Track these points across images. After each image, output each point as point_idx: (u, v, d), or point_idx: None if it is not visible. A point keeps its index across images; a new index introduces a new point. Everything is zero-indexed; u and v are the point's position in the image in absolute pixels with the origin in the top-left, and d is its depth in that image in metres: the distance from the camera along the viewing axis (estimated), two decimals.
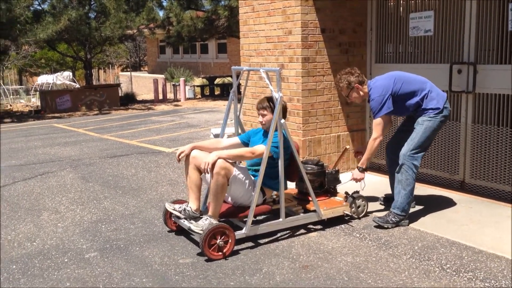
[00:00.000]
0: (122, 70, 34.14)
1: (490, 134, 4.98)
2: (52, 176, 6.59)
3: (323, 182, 4.55)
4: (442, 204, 4.89)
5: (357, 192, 4.57)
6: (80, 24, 16.14)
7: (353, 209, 4.50)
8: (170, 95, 19.84)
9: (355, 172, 4.48)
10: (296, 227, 4.31)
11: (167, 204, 4.14)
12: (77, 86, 21.03)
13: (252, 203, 3.94)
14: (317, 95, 5.79)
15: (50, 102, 15.79)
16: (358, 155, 4.80)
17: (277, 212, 4.22)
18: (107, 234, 4.37)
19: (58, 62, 29.83)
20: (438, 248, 3.87)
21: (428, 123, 4.28)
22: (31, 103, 19.17)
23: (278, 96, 3.97)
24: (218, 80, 20.38)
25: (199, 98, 19.27)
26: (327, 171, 4.57)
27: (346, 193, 4.57)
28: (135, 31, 19.55)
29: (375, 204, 4.88)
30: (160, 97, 18.86)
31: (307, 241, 4.09)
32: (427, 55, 5.46)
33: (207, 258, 3.74)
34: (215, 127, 9.63)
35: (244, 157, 4.09)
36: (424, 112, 4.31)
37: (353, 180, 4.50)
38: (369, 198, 4.74)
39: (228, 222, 4.14)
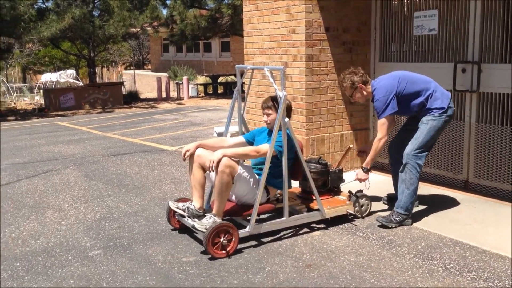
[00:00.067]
0: (126, 68, 34.19)
1: (494, 133, 4.97)
2: (56, 174, 6.60)
3: (327, 181, 4.55)
4: (446, 203, 4.88)
5: (360, 191, 4.56)
6: (84, 22, 16.18)
7: (356, 208, 4.50)
8: (173, 94, 19.88)
9: (359, 172, 4.47)
10: (300, 226, 4.31)
11: (170, 202, 4.14)
12: (80, 84, 21.05)
13: (256, 201, 3.95)
14: (320, 94, 5.79)
15: (53, 100, 15.83)
16: (361, 154, 4.80)
17: (280, 211, 4.23)
18: (111, 232, 4.38)
19: (61, 60, 29.91)
20: (441, 247, 3.87)
21: (433, 122, 4.28)
22: (35, 101, 19.22)
23: (282, 95, 3.97)
24: (221, 79, 20.38)
25: (202, 96, 19.29)
26: (330, 170, 4.57)
27: (350, 192, 4.57)
28: (138, 29, 19.60)
29: (378, 203, 4.88)
30: (164, 95, 18.88)
31: (311, 240, 4.09)
32: (431, 54, 5.45)
33: (210, 256, 3.74)
34: (219, 126, 9.63)
35: (249, 155, 4.10)
36: (429, 111, 4.30)
37: (357, 180, 4.50)
38: (372, 197, 4.73)
39: (232, 221, 4.15)
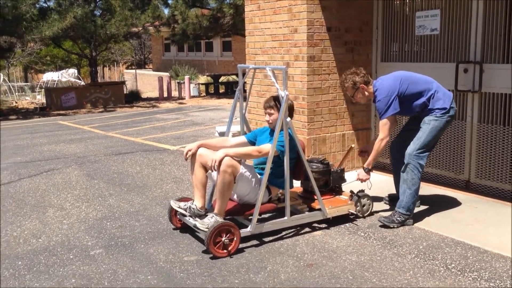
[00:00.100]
0: (127, 68, 34.22)
1: (496, 133, 4.96)
2: (58, 173, 6.61)
3: (328, 180, 4.55)
4: (447, 203, 4.88)
5: (362, 191, 4.56)
6: (86, 22, 16.18)
7: (358, 208, 4.50)
8: (174, 93, 19.88)
9: (360, 173, 4.47)
10: (301, 226, 4.31)
11: (172, 202, 4.14)
12: (82, 83, 21.08)
13: (257, 201, 3.95)
14: (322, 94, 5.79)
15: (55, 99, 15.85)
16: (363, 154, 4.80)
17: (282, 211, 4.23)
18: (112, 231, 4.39)
19: (63, 60, 29.96)
20: (443, 247, 3.86)
21: (435, 122, 4.27)
22: (36, 100, 19.23)
23: (284, 94, 3.97)
24: (223, 78, 20.39)
25: (204, 96, 19.29)
26: (332, 169, 4.57)
27: (351, 191, 4.57)
28: (140, 28, 19.61)
29: (380, 203, 4.88)
30: (165, 95, 18.88)
31: (312, 239, 4.09)
32: (433, 54, 5.45)
33: (212, 255, 3.74)
34: (220, 125, 9.65)
35: (251, 155, 4.10)
36: (431, 112, 4.30)
37: (358, 180, 4.50)
38: (374, 197, 4.73)
39: (233, 220, 4.15)
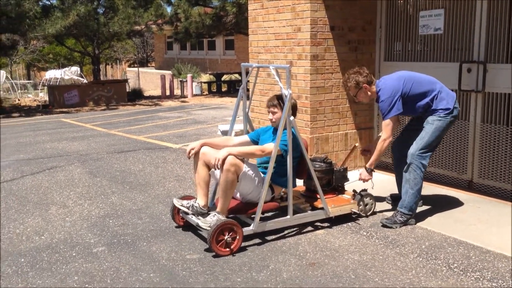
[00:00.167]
0: (129, 66, 34.22)
1: (499, 133, 4.95)
2: (60, 170, 6.62)
3: (331, 179, 4.55)
4: (450, 203, 4.88)
5: (365, 190, 4.56)
6: (89, 20, 16.21)
7: (360, 207, 4.50)
8: (177, 91, 19.88)
9: (363, 173, 4.47)
10: (304, 225, 4.31)
11: (175, 200, 4.15)
12: (84, 81, 21.10)
13: (260, 199, 3.95)
14: (325, 93, 5.78)
15: (58, 97, 15.87)
16: (365, 153, 4.80)
17: (285, 209, 4.23)
18: (115, 229, 4.40)
19: (65, 57, 29.99)
20: (445, 247, 3.86)
21: (438, 122, 4.27)
22: (39, 97, 19.26)
23: (287, 93, 3.97)
24: (225, 77, 20.39)
25: (206, 94, 19.29)
26: (335, 168, 4.57)
27: (354, 191, 4.57)
28: (143, 27, 19.61)
29: (382, 203, 4.88)
30: (167, 93, 18.89)
31: (314, 238, 4.09)
32: (436, 53, 5.44)
33: (214, 254, 3.75)
34: (223, 124, 9.65)
35: (254, 154, 4.10)
36: (434, 112, 4.29)
37: (360, 180, 4.50)
38: (376, 197, 4.73)
39: (236, 219, 4.15)
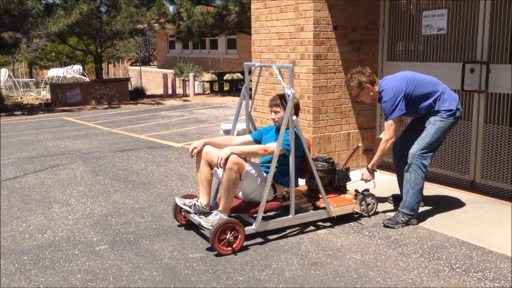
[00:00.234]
0: (131, 65, 34.25)
1: (502, 134, 4.95)
2: (63, 169, 6.63)
3: (333, 179, 4.55)
4: (452, 203, 4.87)
5: (367, 190, 4.56)
6: (91, 18, 16.21)
7: (362, 207, 4.50)
8: (179, 90, 19.88)
9: (365, 173, 4.47)
10: (305, 224, 4.31)
11: (177, 199, 4.16)
12: (87, 80, 21.12)
13: (262, 199, 3.95)
14: (327, 92, 5.78)
15: (60, 95, 15.88)
16: (368, 152, 4.80)
17: (287, 209, 4.23)
18: (117, 227, 4.40)
19: (68, 56, 30.02)
20: (447, 247, 3.86)
21: (440, 123, 4.26)
22: (41, 96, 19.29)
23: (290, 93, 3.97)
24: (228, 76, 20.39)
25: (208, 93, 19.30)
26: (337, 168, 4.57)
27: (356, 190, 4.57)
28: (145, 25, 19.61)
29: (384, 203, 4.87)
30: (169, 92, 18.89)
31: (316, 238, 4.09)
32: (439, 53, 5.43)
33: (216, 253, 3.75)
34: (225, 123, 9.65)
35: (257, 154, 4.10)
36: (437, 113, 4.29)
37: (362, 181, 4.50)
38: (378, 197, 4.72)
39: (238, 218, 4.15)
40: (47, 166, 6.80)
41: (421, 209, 4.57)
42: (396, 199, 4.82)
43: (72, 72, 22.81)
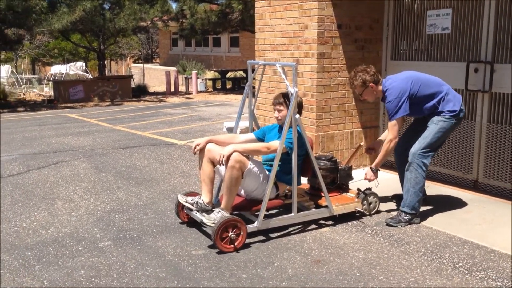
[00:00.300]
0: (134, 62, 34.26)
1: (505, 134, 4.95)
2: (66, 165, 6.65)
3: (336, 178, 4.55)
4: (455, 203, 4.88)
5: (369, 189, 4.57)
6: (95, 15, 16.22)
7: (364, 206, 4.50)
8: (181, 88, 19.90)
9: (368, 172, 4.48)
10: (308, 222, 4.32)
11: (179, 196, 4.16)
12: (89, 76, 21.14)
13: (265, 197, 3.96)
14: (331, 91, 5.79)
15: (63, 92, 15.90)
16: (370, 151, 4.79)
17: (289, 207, 4.24)
18: (121, 224, 4.42)
19: (71, 53, 30.02)
20: (450, 246, 3.87)
21: (443, 123, 4.27)
22: (44, 92, 19.31)
23: (293, 91, 3.97)
24: (230, 74, 20.39)
25: (211, 91, 19.31)
26: (340, 167, 4.58)
27: (358, 189, 4.57)
28: (148, 23, 19.60)
29: (387, 202, 4.88)
30: (172, 89, 18.91)
31: (319, 236, 4.10)
32: (443, 53, 5.43)
33: (219, 250, 3.76)
34: (228, 121, 9.66)
35: (259, 151, 4.11)
36: (440, 113, 4.29)
37: (365, 180, 4.51)
38: (381, 196, 4.73)
39: (240, 216, 4.16)
40: (50, 162, 6.82)
41: (423, 208, 4.57)
42: (399, 199, 4.81)
43: (75, 69, 22.86)
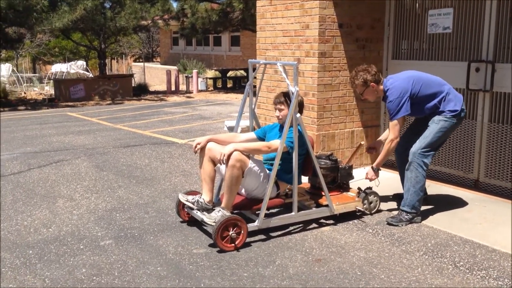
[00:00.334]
0: (135, 61, 34.26)
1: (506, 133, 4.95)
2: (67, 164, 6.65)
3: (336, 177, 4.56)
4: (456, 202, 4.88)
5: (369, 188, 4.57)
6: (96, 14, 16.23)
7: (365, 205, 4.50)
8: (182, 87, 19.89)
9: (369, 172, 4.48)
10: (308, 221, 4.32)
11: (180, 195, 4.17)
12: (90, 75, 21.15)
13: (265, 196, 3.96)
14: (332, 90, 5.79)
15: (64, 90, 15.91)
16: (371, 150, 4.80)
17: (289, 206, 4.24)
18: (122, 223, 4.42)
19: (71, 51, 30.04)
20: (451, 245, 3.87)
21: (444, 123, 4.27)
22: (45, 91, 19.32)
23: (294, 90, 3.97)
24: (231, 73, 20.39)
25: (212, 90, 19.31)
26: (340, 166, 4.58)
27: (359, 188, 4.58)
28: (149, 22, 19.61)
29: (387, 201, 4.88)
30: (173, 88, 18.91)
31: (320, 235, 4.11)
32: (445, 52, 5.43)
33: (220, 249, 3.77)
34: (229, 120, 9.66)
35: (260, 151, 4.12)
36: (441, 113, 4.29)
37: (366, 179, 4.51)
38: (381, 195, 4.73)
39: (241, 214, 4.17)
40: (52, 161, 6.83)
41: (424, 207, 4.57)
42: (400, 198, 4.81)
43: (76, 67, 22.87)
